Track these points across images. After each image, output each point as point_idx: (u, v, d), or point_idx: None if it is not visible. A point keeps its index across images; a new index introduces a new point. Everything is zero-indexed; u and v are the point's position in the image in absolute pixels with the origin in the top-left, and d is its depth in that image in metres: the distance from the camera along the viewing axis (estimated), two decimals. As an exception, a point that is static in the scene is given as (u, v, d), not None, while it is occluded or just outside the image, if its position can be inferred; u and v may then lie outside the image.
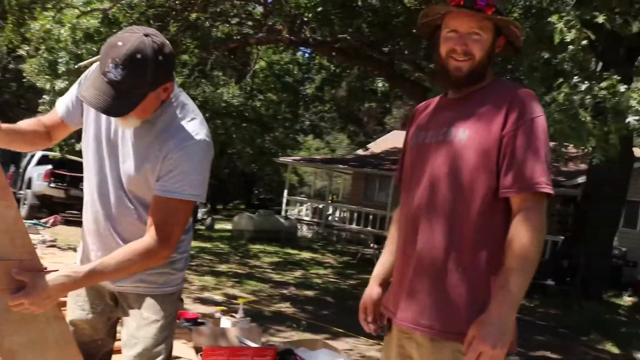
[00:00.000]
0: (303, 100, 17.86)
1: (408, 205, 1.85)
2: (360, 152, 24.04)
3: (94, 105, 1.67)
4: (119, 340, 2.05)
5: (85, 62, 1.65)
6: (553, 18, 5.01)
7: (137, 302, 1.96)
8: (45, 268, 1.71)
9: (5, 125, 1.80)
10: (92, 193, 1.95)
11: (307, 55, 18.01)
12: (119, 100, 1.66)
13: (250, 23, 12.06)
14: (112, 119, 1.87)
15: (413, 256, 1.79)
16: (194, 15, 9.88)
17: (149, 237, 1.79)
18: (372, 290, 2.05)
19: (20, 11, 9.81)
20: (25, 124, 1.96)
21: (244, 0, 11.27)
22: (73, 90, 2.00)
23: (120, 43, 1.66)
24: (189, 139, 1.82)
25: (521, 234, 1.64)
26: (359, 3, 10.42)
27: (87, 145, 1.96)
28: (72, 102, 1.98)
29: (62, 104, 2.00)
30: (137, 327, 1.94)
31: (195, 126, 1.86)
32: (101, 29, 8.79)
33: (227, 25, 11.98)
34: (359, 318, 2.06)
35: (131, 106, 1.70)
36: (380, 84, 15.40)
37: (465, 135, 1.74)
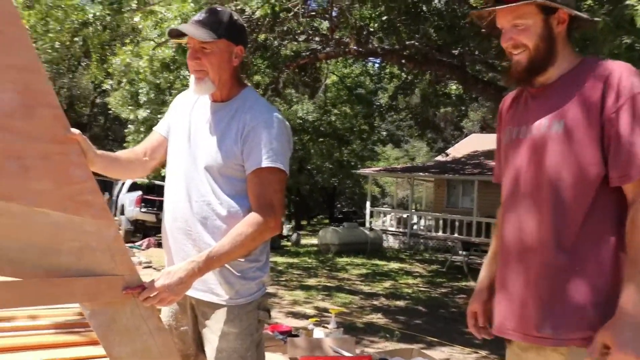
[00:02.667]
0: (378, 111, 17.81)
1: (510, 207, 1.75)
2: (440, 158, 23.71)
3: (182, 27, 1.96)
4: None
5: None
6: (631, 0, 4.79)
7: (213, 314, 1.98)
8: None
9: (100, 152, 1.91)
10: (178, 186, 2.03)
11: (377, 65, 18.01)
12: (202, 29, 1.95)
13: (317, 38, 12.22)
14: (192, 119, 2.07)
15: (521, 260, 1.68)
16: (262, 36, 10.10)
17: (253, 210, 1.92)
18: (481, 294, 1.95)
19: (102, 48, 10.46)
20: (120, 152, 2.12)
21: (309, 17, 11.43)
22: (166, 114, 2.23)
23: None
24: (265, 112, 1.99)
25: None
26: (424, 8, 10.34)
27: (172, 149, 2.11)
28: (167, 122, 2.19)
29: (159, 126, 2.21)
30: (218, 341, 1.95)
31: (270, 106, 2.06)
32: (176, 57, 9.17)
33: (295, 42, 12.19)
34: (467, 324, 1.97)
35: (212, 36, 1.94)
36: (453, 88, 15.17)
37: (561, 126, 1.62)
